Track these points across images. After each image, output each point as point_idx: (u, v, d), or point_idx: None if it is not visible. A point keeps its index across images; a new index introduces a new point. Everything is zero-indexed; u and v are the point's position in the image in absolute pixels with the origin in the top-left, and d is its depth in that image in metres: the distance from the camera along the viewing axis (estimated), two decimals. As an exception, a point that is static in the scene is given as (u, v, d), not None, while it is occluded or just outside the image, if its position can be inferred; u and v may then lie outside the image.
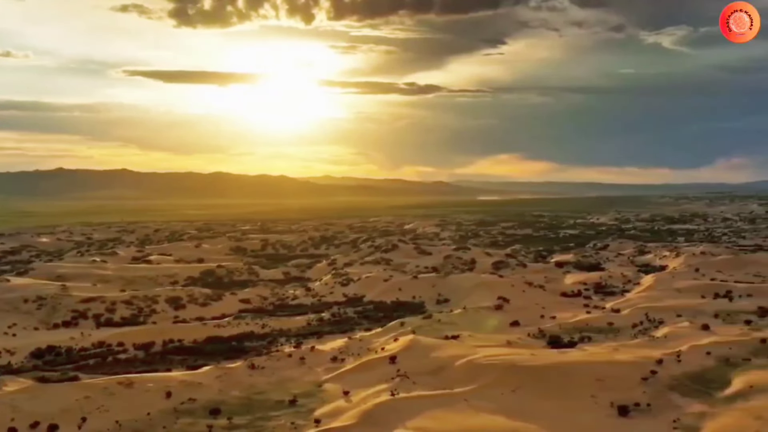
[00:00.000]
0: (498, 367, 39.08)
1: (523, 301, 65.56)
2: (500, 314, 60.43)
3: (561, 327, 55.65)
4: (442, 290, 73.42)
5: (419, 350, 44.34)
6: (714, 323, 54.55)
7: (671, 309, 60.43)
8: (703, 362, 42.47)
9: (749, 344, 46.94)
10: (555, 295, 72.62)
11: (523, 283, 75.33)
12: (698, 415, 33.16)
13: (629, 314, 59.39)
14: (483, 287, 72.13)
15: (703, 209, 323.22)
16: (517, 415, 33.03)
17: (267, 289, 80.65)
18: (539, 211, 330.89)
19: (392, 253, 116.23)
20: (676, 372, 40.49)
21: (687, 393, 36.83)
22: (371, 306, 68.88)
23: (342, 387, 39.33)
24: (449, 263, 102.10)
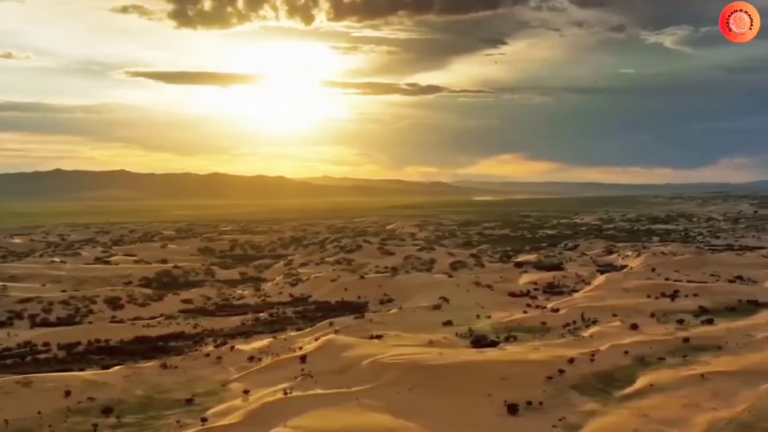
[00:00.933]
0: (400, 367, 39.28)
1: (465, 301, 65.82)
2: (437, 314, 60.64)
3: (493, 326, 55.93)
4: (388, 290, 73.61)
5: (332, 350, 44.49)
6: (646, 323, 54.93)
7: (609, 309, 60.77)
8: (617, 361, 42.79)
9: (671, 343, 47.36)
10: (502, 295, 72.91)
11: (471, 284, 75.62)
12: (587, 413, 33.40)
13: (565, 314, 59.70)
14: (428, 287, 72.37)
15: (693, 209, 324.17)
16: (403, 413, 33.17)
17: (213, 289, 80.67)
18: (529, 212, 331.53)
19: (356, 253, 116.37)
20: (586, 371, 40.79)
21: (587, 392, 37.07)
22: (313, 306, 69.04)
23: (245, 386, 39.43)
24: (408, 263, 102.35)
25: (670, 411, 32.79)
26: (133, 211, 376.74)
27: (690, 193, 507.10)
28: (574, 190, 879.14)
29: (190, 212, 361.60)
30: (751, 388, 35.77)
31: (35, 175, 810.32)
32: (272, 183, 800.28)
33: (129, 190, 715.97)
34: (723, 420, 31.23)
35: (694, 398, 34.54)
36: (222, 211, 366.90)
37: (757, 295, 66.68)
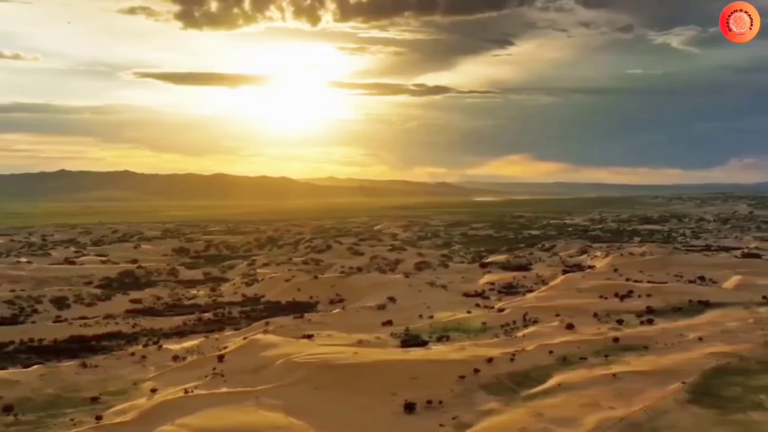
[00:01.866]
0: (310, 366, 39.44)
1: (413, 301, 65.95)
2: (380, 314, 60.82)
3: (431, 326, 56.11)
4: (341, 290, 73.78)
5: (252, 349, 44.65)
6: (586, 323, 55.07)
7: (555, 309, 60.91)
8: (538, 361, 42.93)
9: (600, 343, 47.53)
10: (456, 295, 73.08)
11: (425, 284, 75.81)
12: (484, 412, 33.51)
13: (509, 314, 59.90)
14: (381, 287, 72.52)
15: (688, 210, 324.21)
16: (298, 412, 33.31)
17: (167, 289, 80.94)
18: (524, 213, 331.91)
19: (325, 253, 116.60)
20: (503, 371, 40.95)
21: (494, 391, 37.20)
22: (262, 306, 69.23)
23: (155, 385, 39.59)
24: (374, 264, 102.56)
25: (567, 410, 32.90)
26: (131, 212, 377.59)
27: (696, 193, 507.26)
28: (581, 190, 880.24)
29: (188, 213, 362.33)
30: (658, 388, 35.93)
31: (41, 176, 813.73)
32: (276, 184, 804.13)
33: (132, 190, 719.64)
34: (614, 419, 31.35)
35: (597, 398, 34.67)
36: (220, 212, 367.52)
37: (709, 296, 66.71)
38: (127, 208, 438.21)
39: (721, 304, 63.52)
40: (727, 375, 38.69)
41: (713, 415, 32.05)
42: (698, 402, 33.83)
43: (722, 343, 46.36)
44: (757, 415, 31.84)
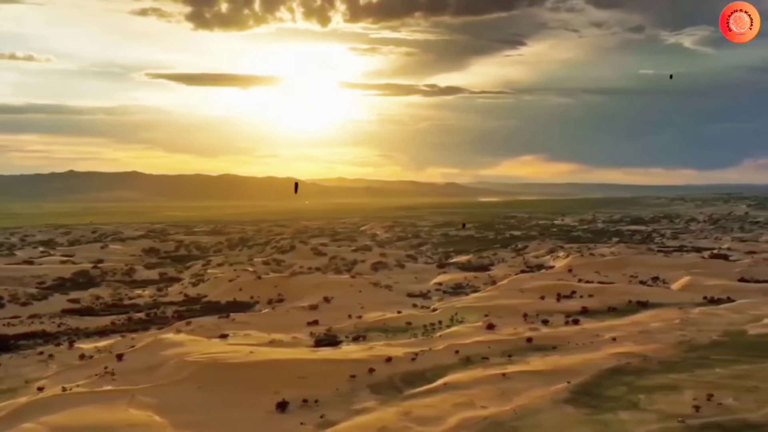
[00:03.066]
0: (199, 365, 39.78)
1: (348, 302, 66.29)
2: (310, 313, 61.15)
3: (355, 326, 56.46)
4: (283, 290, 74.12)
5: (154, 348, 44.97)
6: (510, 323, 55.42)
7: (487, 309, 61.23)
8: (440, 361, 43.22)
9: (511, 343, 47.86)
10: (399, 296, 73.45)
11: (369, 284, 76.15)
12: (355, 411, 33.73)
13: (439, 314, 60.27)
14: (322, 287, 72.84)
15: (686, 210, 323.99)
16: (168, 410, 33.58)
17: (109, 289, 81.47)
18: (520, 213, 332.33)
19: (289, 254, 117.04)
20: (399, 370, 41.27)
21: (379, 391, 37.46)
22: (199, 306, 69.62)
23: (44, 384, 39.97)
24: (333, 264, 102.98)
25: (437, 409, 33.16)
26: (132, 212, 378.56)
27: (706, 194, 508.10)
28: (592, 191, 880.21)
29: (188, 213, 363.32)
30: (543, 388, 36.19)
31: (51, 176, 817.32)
32: (282, 184, 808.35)
33: (140, 191, 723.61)
34: (478, 418, 31.60)
35: (475, 397, 34.92)
36: (220, 212, 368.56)
37: (650, 297, 67.12)
38: (129, 209, 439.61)
39: (659, 304, 63.86)
40: (620, 375, 38.92)
41: (582, 414, 32.27)
42: (574, 402, 34.04)
43: (633, 344, 46.66)
44: (626, 415, 32.04)
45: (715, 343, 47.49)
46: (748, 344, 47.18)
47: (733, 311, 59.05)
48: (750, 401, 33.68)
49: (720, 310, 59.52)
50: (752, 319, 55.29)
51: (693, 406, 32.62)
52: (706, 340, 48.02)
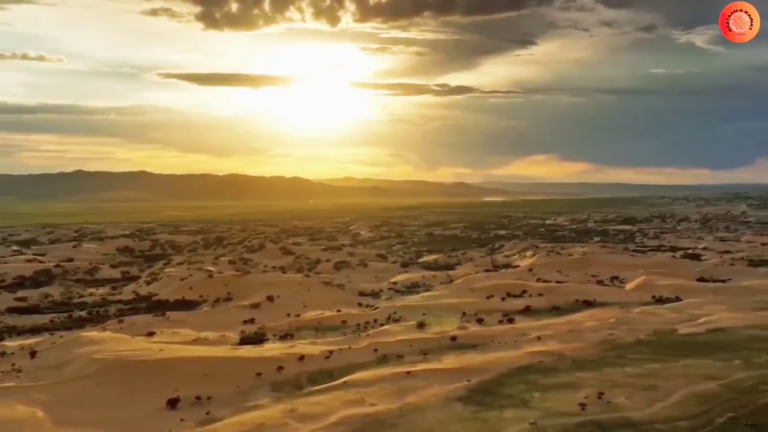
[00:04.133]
0: (104, 362, 40.20)
1: (293, 300, 66.65)
2: (249, 312, 61.59)
3: (289, 325, 56.81)
4: (233, 289, 74.42)
5: (70, 346, 45.38)
6: (443, 322, 55.76)
7: (427, 308, 61.68)
8: (355, 359, 43.61)
9: (433, 342, 48.25)
10: (350, 295, 73.79)
11: (320, 283, 76.58)
12: (245, 408, 34.07)
13: (378, 313, 60.71)
14: (272, 286, 73.18)
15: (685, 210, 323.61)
16: (59, 407, 33.95)
17: (62, 287, 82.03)
18: (517, 213, 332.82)
19: (257, 253, 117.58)
20: (309, 368, 41.71)
21: (280, 389, 37.83)
22: (144, 305, 70.06)
23: (-53, 382, 40.38)
24: (297, 263, 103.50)
25: (325, 407, 33.52)
26: (130, 212, 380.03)
27: (715, 194, 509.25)
28: (605, 190, 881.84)
29: (188, 213, 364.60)
30: (442, 386, 36.58)
31: (59, 176, 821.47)
32: (288, 184, 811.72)
33: (147, 191, 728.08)
34: (361, 415, 31.94)
35: (369, 395, 35.30)
36: (219, 212, 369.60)
37: (598, 296, 67.55)
38: (131, 208, 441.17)
39: (605, 303, 64.26)
40: (526, 373, 39.31)
41: (468, 412, 32.64)
42: (467, 399, 34.42)
43: (556, 342, 47.06)
44: (510, 413, 32.40)
45: (639, 342, 47.83)
46: (673, 343, 47.53)
47: (673, 311, 59.39)
48: (642, 400, 34.04)
49: (661, 310, 59.88)
50: (688, 319, 55.63)
51: (579, 404, 33.00)
52: (632, 339, 48.39)
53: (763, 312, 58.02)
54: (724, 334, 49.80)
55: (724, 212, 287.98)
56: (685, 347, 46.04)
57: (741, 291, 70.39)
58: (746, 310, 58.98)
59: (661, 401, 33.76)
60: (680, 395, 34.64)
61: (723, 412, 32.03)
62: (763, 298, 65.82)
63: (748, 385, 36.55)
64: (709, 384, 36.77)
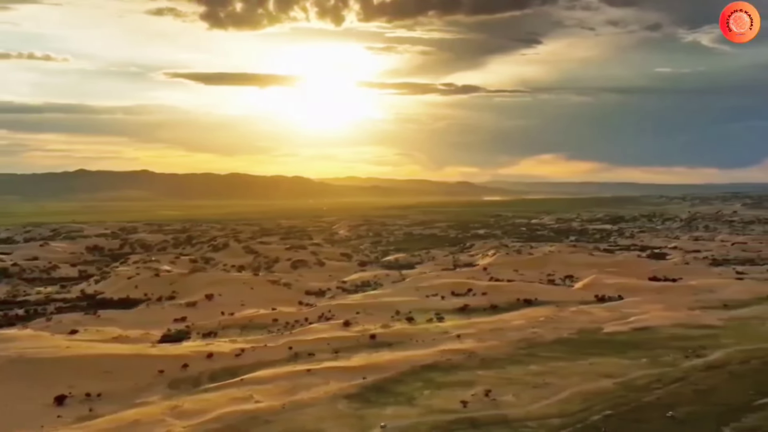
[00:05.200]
0: (5, 359, 40.58)
1: (232, 299, 67.05)
2: (184, 310, 62.00)
3: (219, 323, 57.21)
4: (178, 288, 74.73)
5: (-19, 343, 45.77)
6: (372, 320, 56.17)
7: (362, 307, 62.23)
8: (265, 357, 44.06)
9: (352, 340, 48.68)
10: (296, 294, 74.09)
11: (267, 282, 77.05)
12: (133, 404, 34.49)
13: (312, 311, 61.27)
14: (217, 285, 73.56)
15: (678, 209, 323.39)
16: (-57, 404, 34.44)
17: (8, 286, 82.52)
18: (506, 212, 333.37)
19: (221, 252, 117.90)
20: (214, 366, 42.17)
21: (177, 386, 38.31)
22: (85, 303, 70.40)
23: None
24: (256, 262, 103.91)
25: (209, 404, 33.95)
26: (124, 211, 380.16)
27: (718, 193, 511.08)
28: (607, 189, 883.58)
29: (181, 212, 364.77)
30: (338, 383, 37.11)
31: (62, 176, 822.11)
32: (290, 183, 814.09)
33: (148, 190, 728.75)
34: (242, 412, 32.31)
35: (260, 392, 35.75)
36: (212, 211, 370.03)
37: (541, 295, 68.03)
38: (129, 208, 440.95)
39: (545, 302, 64.70)
40: (429, 372, 39.77)
41: (351, 409, 33.12)
42: (356, 397, 34.92)
43: (474, 341, 47.54)
44: (391, 410, 32.92)
45: (558, 340, 48.27)
46: (591, 342, 48.01)
47: (607, 310, 59.92)
48: (528, 397, 34.53)
49: (596, 309, 60.39)
50: (619, 317, 56.10)
51: (462, 402, 33.44)
52: (552, 338, 48.85)
53: (696, 311, 58.60)
54: (646, 333, 50.27)
55: (714, 211, 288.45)
56: (601, 346, 46.52)
57: (686, 290, 70.91)
58: (682, 309, 59.49)
59: (547, 399, 34.22)
60: (569, 393, 35.11)
61: (602, 410, 32.53)
62: (704, 297, 66.29)
63: (642, 383, 37.07)
64: (604, 382, 37.30)
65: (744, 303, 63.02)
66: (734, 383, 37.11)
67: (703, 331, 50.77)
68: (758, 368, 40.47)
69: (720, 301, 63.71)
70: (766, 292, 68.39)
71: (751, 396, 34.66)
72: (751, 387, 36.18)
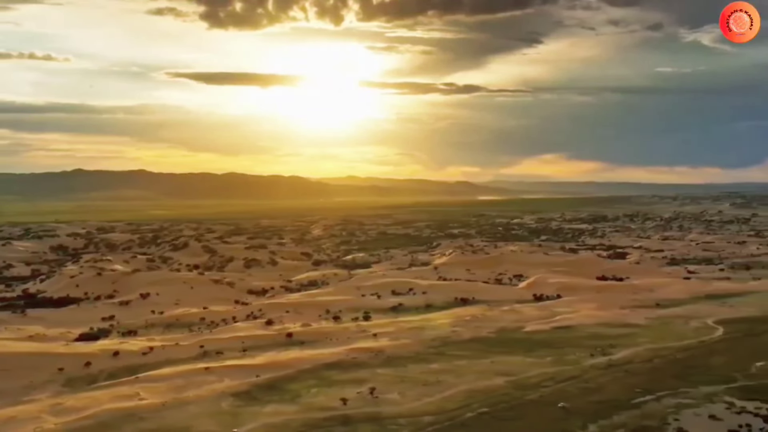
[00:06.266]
0: None
1: (168, 298, 67.41)
2: (115, 309, 62.36)
3: (147, 321, 57.68)
4: (120, 286, 74.90)
5: None
6: (297, 319, 56.79)
7: (293, 305, 62.77)
8: (174, 356, 44.47)
9: (267, 339, 49.27)
10: (238, 293, 74.49)
11: (210, 281, 77.48)
12: (21, 402, 34.91)
13: (243, 310, 61.67)
14: (159, 284, 73.85)
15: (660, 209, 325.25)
16: None
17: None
18: (492, 212, 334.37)
19: (180, 251, 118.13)
20: (117, 365, 42.64)
21: (72, 384, 38.71)
22: (23, 302, 70.49)
23: None
24: (211, 261, 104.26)
25: (90, 401, 34.26)
26: (114, 211, 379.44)
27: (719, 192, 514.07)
28: (610, 189, 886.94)
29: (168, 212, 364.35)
30: (230, 381, 37.52)
31: (60, 175, 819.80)
32: (285, 183, 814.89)
33: (145, 190, 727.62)
34: (117, 410, 32.62)
35: (146, 390, 36.06)
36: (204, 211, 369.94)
37: (480, 294, 68.85)
38: (119, 207, 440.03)
39: (481, 301, 65.53)
40: (327, 370, 40.23)
41: (233, 407, 33.50)
42: (243, 395, 35.29)
43: (388, 339, 48.18)
44: (271, 408, 33.28)
45: (474, 339, 48.89)
46: (506, 340, 48.66)
47: (538, 309, 60.73)
48: (414, 395, 35.01)
49: (527, 308, 61.19)
50: (547, 316, 56.84)
51: (342, 399, 33.87)
52: (468, 337, 49.52)
53: (626, 310, 59.43)
54: (565, 332, 50.92)
55: (699, 211, 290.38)
56: (514, 344, 47.11)
57: (627, 289, 71.80)
58: (613, 308, 60.27)
59: (431, 397, 34.70)
60: (455, 391, 35.61)
61: (479, 407, 33.03)
62: (642, 296, 67.15)
63: (534, 381, 37.63)
64: (497, 380, 37.83)
65: (678, 302, 63.90)
66: (626, 381, 37.70)
67: (623, 330, 51.53)
68: (658, 366, 41.17)
69: (655, 300, 64.55)
70: (705, 292, 69.42)
71: (636, 394, 35.25)
72: (642, 385, 36.79)
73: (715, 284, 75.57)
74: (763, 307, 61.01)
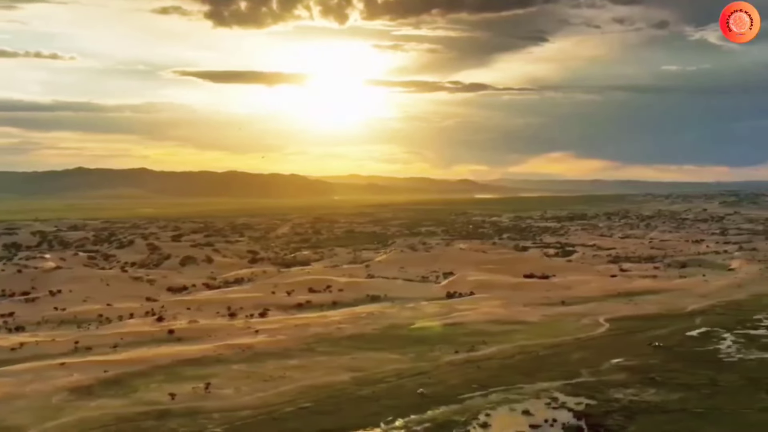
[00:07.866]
0: None
1: (79, 295, 67.88)
2: (22, 305, 63.36)
3: (43, 317, 58.55)
4: (39, 284, 73.95)
5: None
6: (199, 316, 57.77)
7: (197, 303, 63.74)
8: (46, 351, 45.09)
9: (147, 335, 50.08)
10: (157, 290, 75.11)
11: (130, 278, 78.36)
12: None
13: (142, 307, 62.49)
14: (75, 281, 74.03)
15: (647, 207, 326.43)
16: None
17: None
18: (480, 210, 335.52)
19: (125, 248, 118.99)
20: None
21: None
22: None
23: None
24: (150, 259, 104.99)
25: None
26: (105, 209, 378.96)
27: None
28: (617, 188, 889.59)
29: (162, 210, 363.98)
30: (78, 376, 38.37)
31: (62, 174, 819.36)
32: (285, 181, 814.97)
33: (144, 188, 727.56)
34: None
35: None
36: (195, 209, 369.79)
37: (393, 292, 70.11)
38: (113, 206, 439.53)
39: (391, 298, 66.48)
40: (182, 366, 41.23)
41: (64, 402, 34.38)
42: (83, 389, 36.27)
43: (266, 336, 49.19)
44: (102, 402, 34.21)
45: (354, 336, 49.86)
46: (386, 337, 49.66)
47: (441, 306, 61.89)
48: (247, 390, 36.07)
49: (430, 305, 62.45)
50: (444, 313, 57.98)
51: (170, 394, 34.77)
52: (350, 333, 50.58)
53: (527, 308, 60.63)
54: (452, 328, 51.98)
55: (683, 209, 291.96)
56: (390, 341, 48.04)
57: (543, 287, 73.08)
58: (516, 306, 61.40)
59: (263, 392, 35.69)
60: (293, 386, 36.68)
61: (304, 402, 34.16)
62: (554, 294, 68.43)
63: (378, 377, 38.72)
64: (343, 376, 38.87)
65: (586, 300, 65.13)
66: (470, 377, 38.78)
67: (509, 327, 52.64)
68: (514, 363, 42.34)
69: (564, 297, 65.77)
70: (619, 290, 70.72)
71: (471, 389, 36.35)
72: (482, 381, 37.91)
73: (636, 282, 76.68)
74: (666, 305, 62.27)
